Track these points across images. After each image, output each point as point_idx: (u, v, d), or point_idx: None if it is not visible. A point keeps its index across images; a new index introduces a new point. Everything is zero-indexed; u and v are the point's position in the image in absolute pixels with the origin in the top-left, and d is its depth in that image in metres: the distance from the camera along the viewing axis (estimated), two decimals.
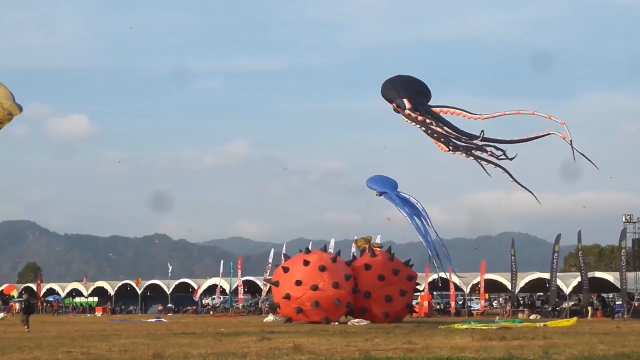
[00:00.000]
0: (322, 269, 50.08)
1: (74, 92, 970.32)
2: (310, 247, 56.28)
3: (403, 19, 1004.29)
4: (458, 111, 41.05)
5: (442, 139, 40.75)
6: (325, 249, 55.30)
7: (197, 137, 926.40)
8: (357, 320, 50.75)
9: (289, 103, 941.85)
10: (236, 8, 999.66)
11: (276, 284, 52.27)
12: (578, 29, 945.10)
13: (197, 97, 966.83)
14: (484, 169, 41.04)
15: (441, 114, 41.42)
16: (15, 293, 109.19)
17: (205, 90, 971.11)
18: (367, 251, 55.21)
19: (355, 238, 60.17)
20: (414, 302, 60.25)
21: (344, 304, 50.85)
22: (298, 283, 50.12)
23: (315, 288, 49.72)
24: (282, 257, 58.59)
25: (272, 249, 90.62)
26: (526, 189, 40.79)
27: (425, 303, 73.04)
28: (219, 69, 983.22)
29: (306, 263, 50.64)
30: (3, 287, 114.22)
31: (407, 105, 41.35)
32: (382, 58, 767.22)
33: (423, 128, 40.97)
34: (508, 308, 73.25)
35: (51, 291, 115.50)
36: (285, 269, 51.74)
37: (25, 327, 42.68)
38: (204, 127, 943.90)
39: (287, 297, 50.12)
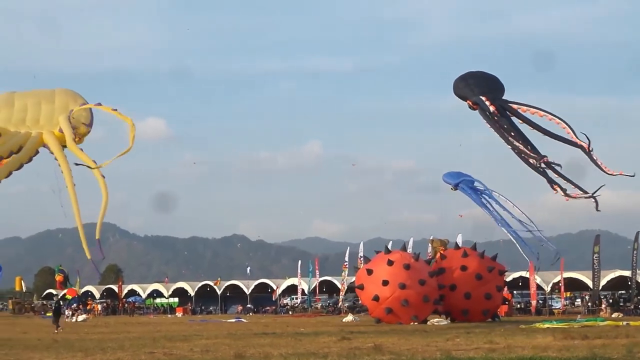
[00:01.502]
0: (407, 267, 49.74)
1: (151, 95, 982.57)
2: (389, 247, 56.01)
3: (475, 15, 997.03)
4: (542, 112, 40.33)
5: (515, 143, 40.13)
6: (404, 248, 54.96)
7: (272, 138, 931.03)
8: (436, 319, 50.48)
9: (363, 102, 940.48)
10: (309, 8, 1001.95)
11: (361, 287, 51.91)
12: None
13: (271, 99, 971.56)
14: (550, 184, 40.28)
15: (519, 112, 40.88)
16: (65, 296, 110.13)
17: (280, 91, 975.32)
18: (438, 255, 54.95)
19: (432, 238, 59.79)
20: None
21: (431, 300, 50.58)
22: (385, 283, 49.69)
23: (403, 286, 49.26)
24: (359, 257, 58.84)
25: (348, 249, 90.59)
26: (591, 196, 39.92)
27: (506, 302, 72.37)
28: (293, 70, 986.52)
29: (390, 263, 50.32)
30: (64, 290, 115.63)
31: (488, 104, 40.93)
32: (454, 55, 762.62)
33: (499, 128, 40.47)
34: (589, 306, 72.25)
35: (132, 292, 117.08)
36: (369, 271, 51.37)
37: (55, 329, 42.80)
38: (278, 128, 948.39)
39: (376, 298, 49.70)
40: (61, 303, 50.18)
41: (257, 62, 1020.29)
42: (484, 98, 41.28)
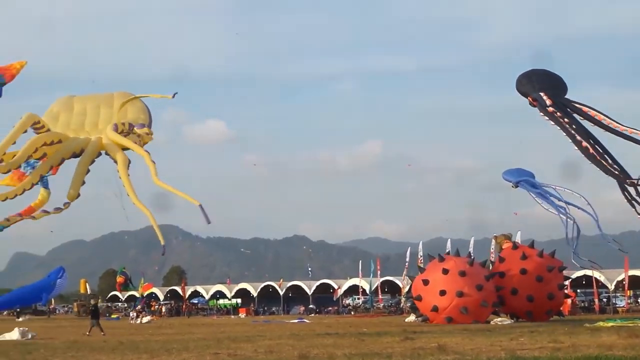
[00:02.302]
0: (463, 274, 49.48)
1: (210, 97, 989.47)
2: (449, 246, 55.79)
3: (537, 14, 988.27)
4: (601, 115, 39.94)
5: (577, 138, 39.77)
6: (457, 253, 54.53)
7: (332, 139, 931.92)
8: (499, 319, 50.20)
9: (424, 102, 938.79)
10: (370, 8, 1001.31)
11: (419, 298, 51.69)
12: None
13: (332, 99, 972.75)
14: (621, 185, 39.91)
15: (581, 110, 40.54)
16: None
17: (340, 91, 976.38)
18: (504, 247, 54.63)
19: (495, 235, 59.46)
20: None
21: (490, 304, 50.30)
22: (442, 293, 49.47)
23: (460, 294, 49.03)
24: (419, 257, 58.54)
25: (409, 249, 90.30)
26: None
27: (569, 301, 71.64)
28: (353, 71, 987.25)
29: (445, 271, 50.08)
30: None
31: (546, 99, 40.67)
32: (515, 54, 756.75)
33: (560, 124, 40.16)
34: None
35: (196, 293, 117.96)
36: (425, 282, 51.16)
37: (94, 330, 42.65)
38: (339, 128, 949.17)
39: (435, 309, 49.48)
40: (98, 305, 50.25)
41: (318, 63, 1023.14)
42: (542, 94, 41.05)
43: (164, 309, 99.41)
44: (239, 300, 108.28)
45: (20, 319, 78.46)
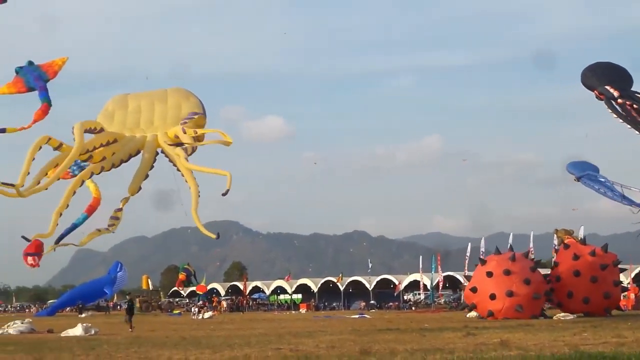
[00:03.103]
0: (508, 272, 49.11)
1: (268, 94, 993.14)
2: (511, 241, 55.30)
3: (593, 4, 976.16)
4: None
5: None
6: (497, 251, 54.00)
7: (390, 134, 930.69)
8: (562, 314, 49.67)
9: (483, 96, 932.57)
10: (427, 3, 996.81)
11: (474, 306, 51.39)
12: None
13: (390, 94, 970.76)
14: None
15: None
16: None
17: (398, 87, 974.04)
18: (566, 240, 54.12)
19: (556, 229, 58.83)
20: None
21: (542, 294, 49.86)
22: (493, 297, 49.16)
23: (511, 294, 48.67)
24: (481, 253, 57.83)
25: (470, 244, 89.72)
26: None
27: (632, 296, 70.67)
28: (411, 66, 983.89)
29: (490, 274, 49.83)
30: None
31: (613, 91, 40.07)
32: (573, 47, 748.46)
33: (630, 116, 39.50)
34: None
35: (256, 289, 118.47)
36: (474, 289, 50.88)
37: (129, 327, 42.82)
38: (397, 124, 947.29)
39: (491, 314, 49.08)
40: (133, 301, 50.25)
41: (375, 59, 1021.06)
42: (609, 87, 40.47)
43: (225, 305, 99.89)
44: (300, 296, 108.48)
45: (83, 315, 79.38)
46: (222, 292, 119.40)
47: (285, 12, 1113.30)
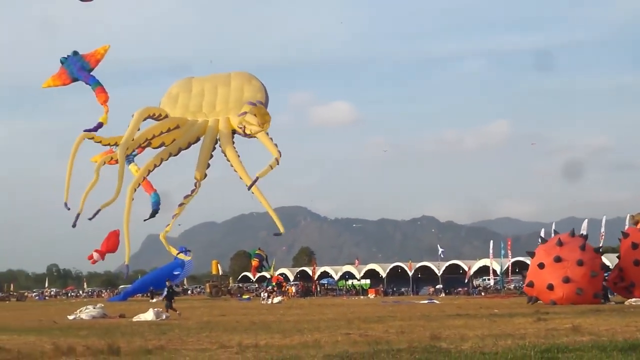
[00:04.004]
0: (558, 259, 48.62)
1: (336, 79, 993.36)
2: (584, 227, 54.57)
3: None
4: None
5: None
6: (543, 240, 53.31)
7: (458, 119, 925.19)
8: (634, 299, 48.98)
9: (552, 80, 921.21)
10: None
11: (536, 300, 50.80)
12: None
13: (457, 78, 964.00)
14: None
15: None
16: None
17: (467, 71, 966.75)
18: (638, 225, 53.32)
19: (631, 214, 58.00)
20: None
21: (598, 270, 49.31)
22: (550, 287, 48.64)
23: (567, 280, 48.12)
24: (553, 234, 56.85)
25: (542, 229, 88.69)
26: None
27: None
28: (479, 49, 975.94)
29: (542, 265, 49.35)
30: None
31: None
32: None
33: None
34: None
35: (325, 274, 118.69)
36: (531, 284, 50.51)
37: (177, 312, 42.59)
38: (465, 108, 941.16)
39: (554, 303, 48.50)
40: (174, 287, 50.05)
41: (444, 43, 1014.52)
42: None
43: (293, 290, 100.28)
44: (368, 281, 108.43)
45: (154, 300, 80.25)
46: (291, 277, 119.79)
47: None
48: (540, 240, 53.66)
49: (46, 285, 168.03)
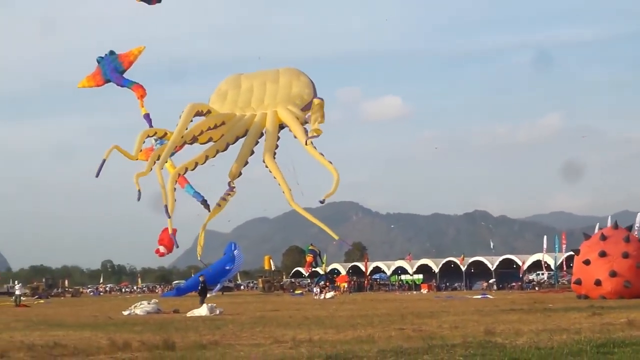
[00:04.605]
0: (603, 254, 48.18)
1: (386, 73, 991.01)
2: (638, 220, 53.94)
3: None
4: None
5: None
6: (587, 235, 52.80)
7: (510, 112, 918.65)
8: None
9: (604, 73, 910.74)
10: None
11: (586, 297, 50.34)
12: None
13: (509, 72, 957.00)
14: None
15: None
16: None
17: (518, 64, 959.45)
18: None
19: None
20: None
21: None
22: (598, 283, 48.20)
23: (614, 274, 47.64)
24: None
25: (597, 223, 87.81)
26: None
27: None
28: (531, 42, 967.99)
29: (587, 262, 48.91)
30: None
31: None
32: None
33: None
34: None
35: (377, 269, 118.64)
36: (578, 282, 50.11)
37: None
38: (516, 101, 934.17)
39: (603, 298, 48.08)
40: (206, 283, 49.91)
41: (494, 36, 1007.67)
42: None
43: (346, 285, 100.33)
44: (421, 276, 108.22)
45: (208, 295, 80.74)
46: (343, 273, 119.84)
47: None
48: (584, 237, 53.15)
49: (101, 281, 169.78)
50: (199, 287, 47.02)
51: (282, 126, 34.95)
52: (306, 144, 32.75)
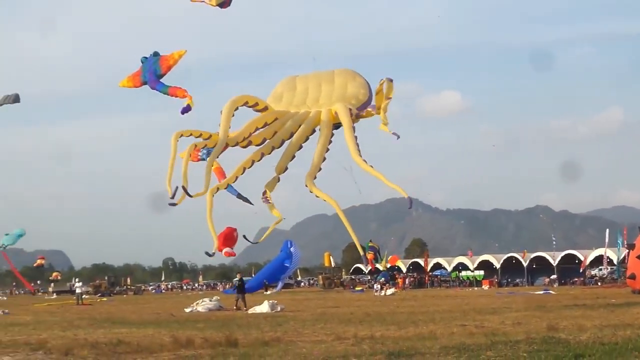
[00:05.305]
0: None
1: (444, 68, 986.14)
2: None
3: None
4: None
5: None
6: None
7: (569, 106, 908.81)
8: None
9: None
10: None
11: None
12: None
13: (568, 66, 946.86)
14: None
15: None
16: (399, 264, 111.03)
17: (576, 58, 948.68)
18: None
19: None
20: None
21: None
22: None
23: None
24: None
25: None
26: None
27: None
28: (590, 36, 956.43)
29: None
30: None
31: None
32: None
33: None
34: None
35: (438, 266, 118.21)
36: (632, 277, 49.56)
37: (243, 307, 42.38)
38: (576, 96, 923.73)
39: None
40: (243, 280, 49.48)
41: (553, 29, 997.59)
42: None
43: (406, 281, 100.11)
44: (482, 272, 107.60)
45: (269, 292, 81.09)
46: (404, 269, 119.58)
47: None
48: (639, 231, 52.52)
49: (162, 278, 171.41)
50: (237, 285, 46.86)
51: (336, 125, 34.89)
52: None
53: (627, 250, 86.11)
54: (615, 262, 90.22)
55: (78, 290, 64.82)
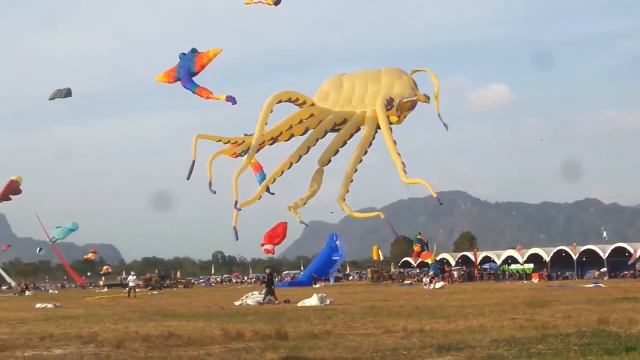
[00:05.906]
0: None
1: (491, 62, 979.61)
2: None
3: None
4: None
5: None
6: None
7: (618, 98, 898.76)
8: None
9: None
10: None
11: None
12: None
13: (618, 58, 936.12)
14: None
15: None
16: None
17: (627, 50, 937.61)
18: None
19: None
20: None
21: None
22: None
23: None
24: None
25: None
26: None
27: None
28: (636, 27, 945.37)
29: None
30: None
31: None
32: None
33: None
34: None
35: (487, 259, 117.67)
36: None
37: (274, 300, 42.56)
38: (626, 87, 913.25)
39: None
40: (272, 274, 49.07)
41: (601, 22, 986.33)
42: None
43: (456, 274, 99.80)
44: (531, 265, 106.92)
45: (317, 286, 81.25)
46: (452, 262, 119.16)
47: None
48: None
49: (212, 272, 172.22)
50: (267, 278, 46.70)
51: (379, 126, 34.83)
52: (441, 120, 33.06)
53: None
54: None
55: (131, 284, 65.45)
